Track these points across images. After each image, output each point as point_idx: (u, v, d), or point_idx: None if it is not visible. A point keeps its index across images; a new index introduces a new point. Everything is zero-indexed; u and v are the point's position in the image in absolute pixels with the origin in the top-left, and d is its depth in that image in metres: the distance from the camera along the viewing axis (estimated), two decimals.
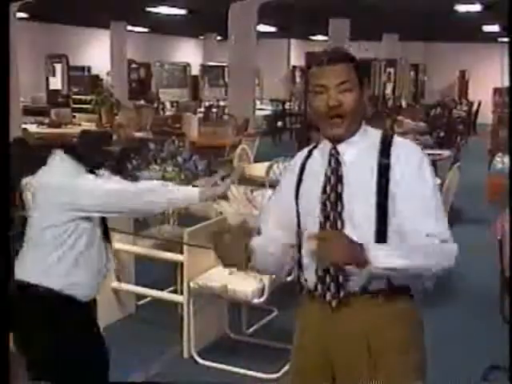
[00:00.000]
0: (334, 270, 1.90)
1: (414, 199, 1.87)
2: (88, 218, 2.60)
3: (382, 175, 1.89)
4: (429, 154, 2.00)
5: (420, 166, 1.90)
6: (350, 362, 1.94)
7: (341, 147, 1.95)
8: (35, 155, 2.77)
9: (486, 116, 16.51)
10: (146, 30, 18.29)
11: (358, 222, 1.89)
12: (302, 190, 2.01)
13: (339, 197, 1.91)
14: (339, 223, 1.90)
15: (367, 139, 1.97)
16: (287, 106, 16.90)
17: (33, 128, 9.49)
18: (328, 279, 1.92)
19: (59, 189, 2.57)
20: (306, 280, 2.00)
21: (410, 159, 1.91)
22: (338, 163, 1.94)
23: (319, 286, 1.94)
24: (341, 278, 1.90)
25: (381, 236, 1.89)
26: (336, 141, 1.96)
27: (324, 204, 1.93)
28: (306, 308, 2.05)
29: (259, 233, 2.09)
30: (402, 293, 1.95)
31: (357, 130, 1.97)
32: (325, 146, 1.99)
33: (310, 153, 2.06)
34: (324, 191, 1.94)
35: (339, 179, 1.93)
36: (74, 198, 2.55)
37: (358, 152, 1.94)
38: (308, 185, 2.00)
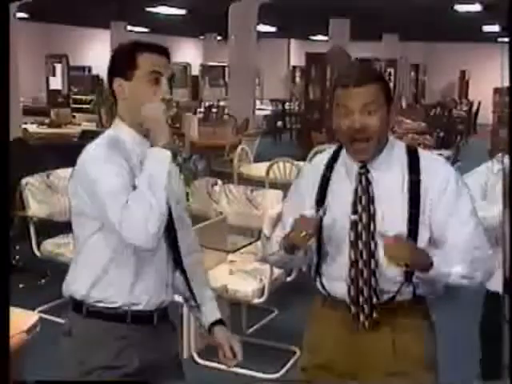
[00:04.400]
0: (367, 286, 1.87)
1: (456, 213, 1.85)
2: None
3: (412, 192, 1.86)
4: None
5: (455, 181, 1.88)
6: (374, 375, 1.91)
7: (370, 165, 1.90)
8: (35, 155, 2.76)
9: (486, 116, 16.51)
10: (146, 29, 18.27)
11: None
12: (326, 204, 1.92)
13: (372, 218, 1.86)
14: (372, 244, 1.87)
15: (393, 153, 1.92)
16: (287, 106, 16.87)
17: (33, 128, 9.51)
18: (361, 299, 1.88)
19: None
20: (325, 288, 1.98)
21: (442, 174, 1.89)
22: (368, 182, 1.89)
23: (352, 307, 1.90)
24: (374, 299, 1.88)
25: None
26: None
27: (355, 224, 1.88)
28: (324, 313, 2.02)
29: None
30: (421, 303, 1.96)
31: (384, 146, 1.91)
32: (350, 161, 1.92)
33: (332, 162, 1.98)
34: (355, 211, 1.88)
35: (371, 200, 1.87)
36: None
37: (387, 168, 1.89)
38: (334, 201, 1.92)
